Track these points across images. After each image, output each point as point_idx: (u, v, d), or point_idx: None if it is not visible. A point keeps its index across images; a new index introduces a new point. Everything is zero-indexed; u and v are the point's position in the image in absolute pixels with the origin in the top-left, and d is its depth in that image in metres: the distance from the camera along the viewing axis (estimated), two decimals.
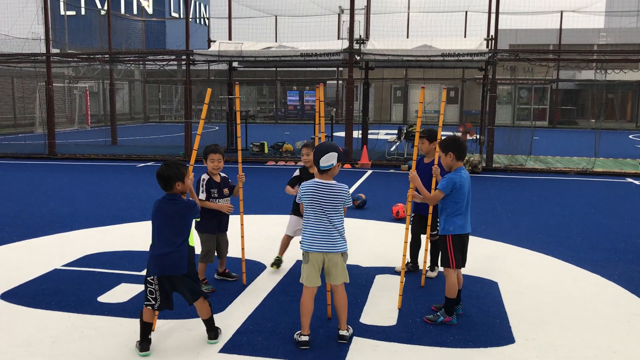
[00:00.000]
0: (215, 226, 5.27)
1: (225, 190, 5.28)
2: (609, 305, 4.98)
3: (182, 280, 3.98)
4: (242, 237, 5.47)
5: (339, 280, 4.15)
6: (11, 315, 4.60)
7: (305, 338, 4.08)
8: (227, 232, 5.43)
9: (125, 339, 4.16)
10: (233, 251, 6.47)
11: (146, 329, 3.97)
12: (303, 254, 4.17)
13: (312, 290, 4.13)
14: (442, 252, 4.62)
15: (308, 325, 4.11)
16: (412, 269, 5.80)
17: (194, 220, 4.16)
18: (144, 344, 3.95)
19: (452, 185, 4.46)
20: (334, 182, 4.13)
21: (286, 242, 5.94)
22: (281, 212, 8.26)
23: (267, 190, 10.71)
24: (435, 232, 5.31)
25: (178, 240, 3.95)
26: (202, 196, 5.13)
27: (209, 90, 4.97)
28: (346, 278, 4.18)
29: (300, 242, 4.21)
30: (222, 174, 5.32)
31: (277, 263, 5.87)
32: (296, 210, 5.74)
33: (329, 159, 4.06)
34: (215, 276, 5.51)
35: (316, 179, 4.16)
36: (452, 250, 4.52)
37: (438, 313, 4.55)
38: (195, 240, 4.30)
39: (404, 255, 5.05)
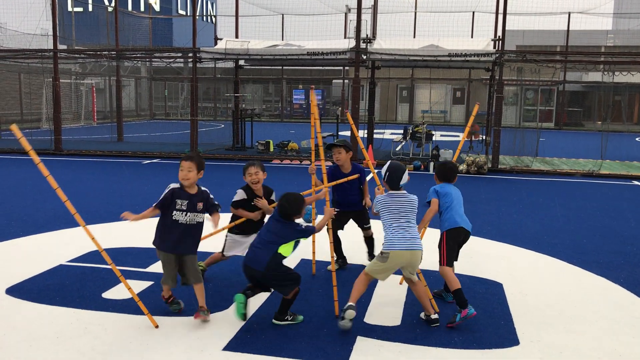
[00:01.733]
0: (169, 244, 4.49)
1: (199, 205, 4.50)
2: (614, 308, 4.96)
3: (262, 275, 4.34)
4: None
5: (413, 275, 4.51)
6: (15, 310, 4.62)
7: (351, 304, 4.32)
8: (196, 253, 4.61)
9: (129, 335, 4.16)
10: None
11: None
12: (382, 253, 4.43)
13: (371, 278, 4.48)
14: (439, 249, 4.84)
15: (356, 298, 4.40)
16: (341, 264, 5.94)
17: None
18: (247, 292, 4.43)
19: (435, 192, 4.90)
20: (404, 192, 4.64)
21: (218, 260, 5.36)
22: None
23: (273, 189, 10.70)
24: (369, 225, 5.89)
25: (271, 245, 4.37)
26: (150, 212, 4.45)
27: None
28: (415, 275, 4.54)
29: (382, 244, 4.46)
30: (204, 188, 4.62)
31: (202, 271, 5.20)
32: (239, 228, 5.19)
33: (406, 177, 4.67)
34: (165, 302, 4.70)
35: (391, 192, 4.61)
36: (446, 248, 4.74)
37: (456, 313, 4.47)
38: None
39: (331, 258, 5.11)
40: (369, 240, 5.99)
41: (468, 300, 4.45)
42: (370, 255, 5.98)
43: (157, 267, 5.70)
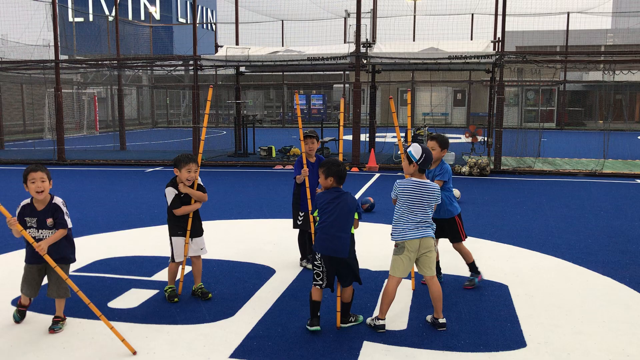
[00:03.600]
0: (35, 256, 4.33)
1: (49, 221, 4.32)
2: (621, 308, 4.94)
3: (345, 263, 4.37)
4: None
5: (432, 272, 4.49)
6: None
7: (383, 322, 4.43)
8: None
9: (135, 345, 4.16)
10: (238, 255, 6.48)
11: (315, 307, 4.39)
12: (397, 244, 4.47)
13: (399, 280, 4.49)
14: (452, 231, 5.37)
15: (387, 311, 4.45)
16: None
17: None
18: (314, 320, 4.38)
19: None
20: (428, 180, 4.60)
21: (175, 270, 5.18)
22: (290, 217, 8.24)
23: (275, 195, 10.72)
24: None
25: (347, 227, 4.40)
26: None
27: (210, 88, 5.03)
28: (434, 271, 4.55)
29: (391, 234, 4.51)
30: (56, 201, 4.39)
31: (173, 295, 5.06)
32: (183, 229, 5.05)
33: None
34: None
35: (414, 178, 4.52)
36: (462, 226, 5.43)
37: (471, 277, 5.42)
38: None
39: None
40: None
41: (473, 300, 4.80)
42: (307, 257, 6.08)
43: (162, 276, 5.71)
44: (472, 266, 5.46)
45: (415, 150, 4.48)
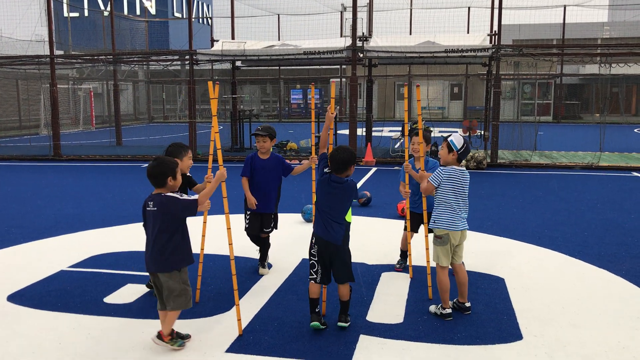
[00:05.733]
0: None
1: None
2: (617, 300, 4.95)
3: (338, 251, 4.26)
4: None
5: (461, 259, 4.68)
6: (17, 317, 4.61)
7: (450, 310, 4.54)
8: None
9: (132, 340, 4.15)
10: (234, 250, 6.47)
11: (313, 304, 4.31)
12: (442, 236, 4.54)
13: (447, 268, 4.61)
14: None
15: (448, 299, 4.56)
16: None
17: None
18: (313, 316, 4.31)
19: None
20: (463, 167, 4.70)
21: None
22: (288, 211, 8.22)
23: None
24: (269, 230, 5.75)
25: (342, 214, 4.33)
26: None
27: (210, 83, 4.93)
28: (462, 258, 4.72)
29: (433, 221, 4.59)
30: None
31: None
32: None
33: None
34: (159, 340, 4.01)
35: (454, 166, 4.63)
36: None
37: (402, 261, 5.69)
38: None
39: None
40: (265, 243, 5.77)
41: (469, 293, 4.78)
42: (262, 262, 5.76)
43: None
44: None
45: (457, 140, 4.62)
